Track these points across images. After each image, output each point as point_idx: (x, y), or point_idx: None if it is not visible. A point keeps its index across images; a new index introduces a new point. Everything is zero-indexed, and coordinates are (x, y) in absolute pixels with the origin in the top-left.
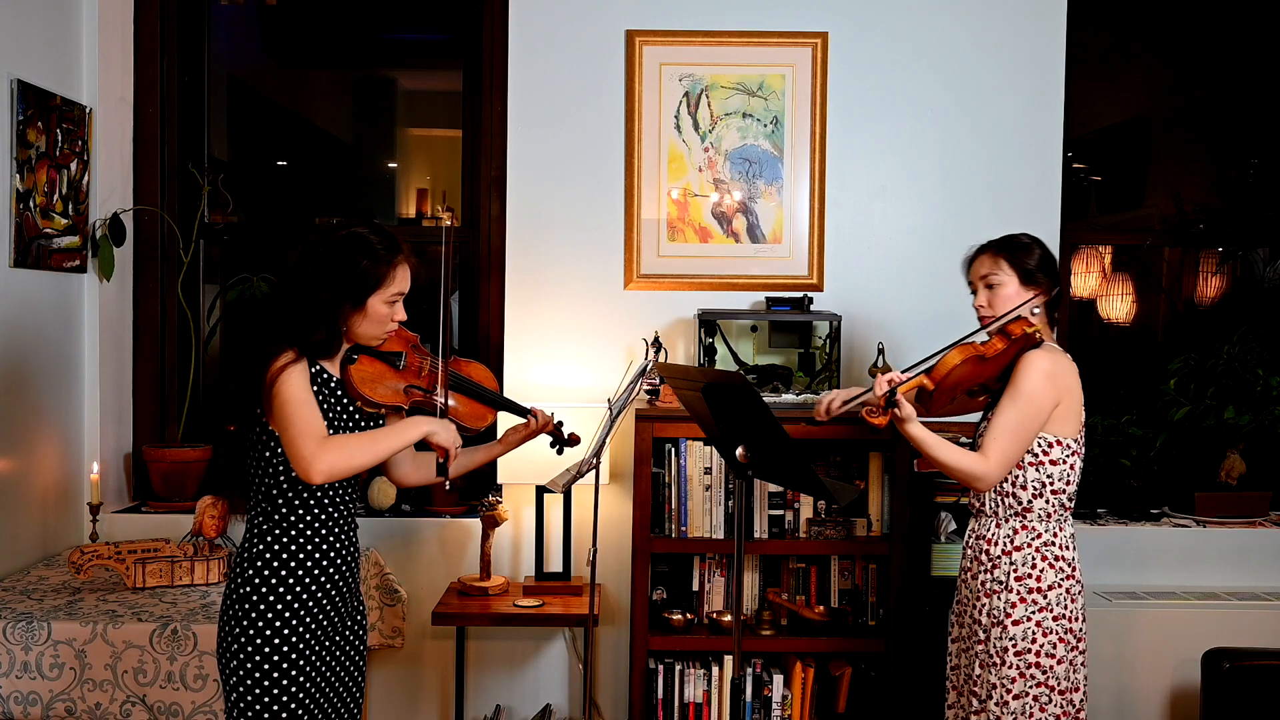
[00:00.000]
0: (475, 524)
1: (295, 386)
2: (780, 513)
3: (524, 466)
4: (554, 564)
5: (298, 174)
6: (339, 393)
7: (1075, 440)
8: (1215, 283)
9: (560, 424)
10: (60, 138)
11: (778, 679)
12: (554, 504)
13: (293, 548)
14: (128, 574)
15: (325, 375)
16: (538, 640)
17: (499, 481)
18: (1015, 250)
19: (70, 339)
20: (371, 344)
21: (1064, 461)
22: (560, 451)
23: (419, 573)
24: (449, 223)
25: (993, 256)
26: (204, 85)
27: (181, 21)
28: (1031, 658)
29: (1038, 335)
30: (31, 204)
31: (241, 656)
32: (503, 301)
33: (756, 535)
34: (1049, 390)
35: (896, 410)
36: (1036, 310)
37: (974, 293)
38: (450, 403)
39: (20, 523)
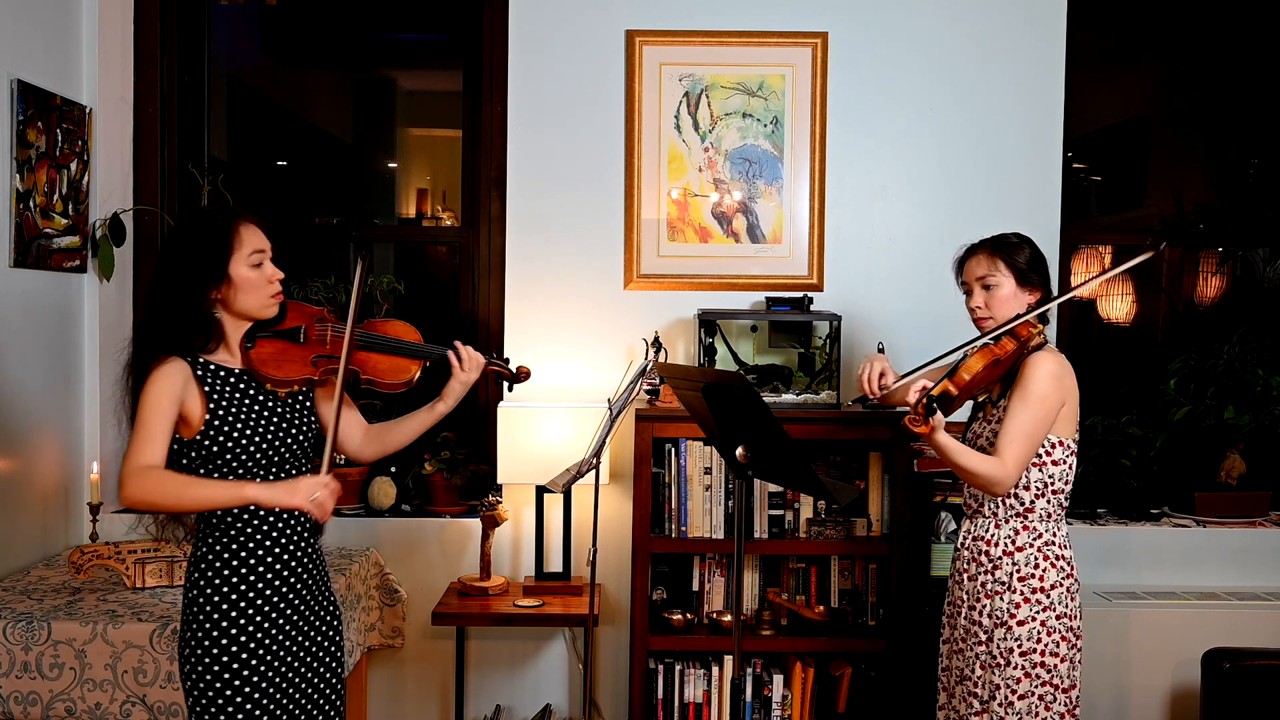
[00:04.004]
0: (475, 524)
1: (151, 392)
2: (780, 513)
3: (524, 467)
4: (554, 564)
5: (298, 174)
6: (243, 384)
7: (1074, 440)
8: (1215, 283)
9: (502, 360)
10: (60, 138)
11: (778, 679)
12: (554, 504)
13: (234, 547)
14: (128, 574)
15: (223, 371)
16: (538, 640)
17: (499, 481)
18: (1010, 250)
19: (70, 339)
20: (264, 316)
21: (1064, 462)
22: (510, 388)
23: (419, 573)
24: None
25: (989, 257)
26: (204, 85)
27: (181, 21)
28: (1037, 658)
29: (1041, 337)
30: (31, 204)
31: (194, 662)
32: (503, 301)
33: (756, 535)
34: (1057, 392)
35: (934, 418)
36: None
37: (967, 293)
38: (359, 363)
39: (20, 523)
